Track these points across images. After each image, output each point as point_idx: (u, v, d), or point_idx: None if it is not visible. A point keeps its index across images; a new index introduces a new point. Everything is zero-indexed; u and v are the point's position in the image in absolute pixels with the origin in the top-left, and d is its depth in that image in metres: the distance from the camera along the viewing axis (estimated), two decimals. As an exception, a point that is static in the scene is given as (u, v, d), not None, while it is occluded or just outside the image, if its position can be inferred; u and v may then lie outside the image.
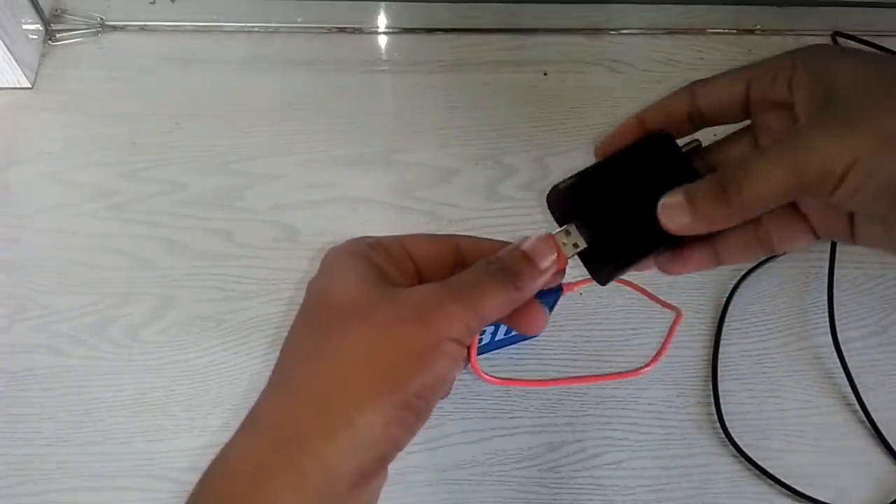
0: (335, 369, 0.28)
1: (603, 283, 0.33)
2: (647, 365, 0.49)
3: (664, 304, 0.52)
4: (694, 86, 0.33)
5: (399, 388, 0.27)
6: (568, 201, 0.33)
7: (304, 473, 0.27)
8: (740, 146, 0.34)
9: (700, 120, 0.33)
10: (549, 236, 0.32)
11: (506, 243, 0.33)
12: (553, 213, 0.34)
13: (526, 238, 0.32)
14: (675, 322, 0.51)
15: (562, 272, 0.33)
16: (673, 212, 0.30)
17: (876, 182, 0.26)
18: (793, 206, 0.32)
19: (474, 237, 0.34)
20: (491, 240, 0.34)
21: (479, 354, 0.44)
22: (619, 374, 0.50)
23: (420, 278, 0.33)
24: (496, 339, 0.49)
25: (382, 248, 0.32)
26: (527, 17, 0.66)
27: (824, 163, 0.26)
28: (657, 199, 0.31)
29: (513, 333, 0.49)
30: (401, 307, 0.28)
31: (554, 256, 0.32)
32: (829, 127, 0.26)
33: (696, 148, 0.34)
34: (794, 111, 0.29)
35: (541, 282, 0.31)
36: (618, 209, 0.32)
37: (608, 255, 0.32)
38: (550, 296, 0.44)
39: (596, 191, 0.32)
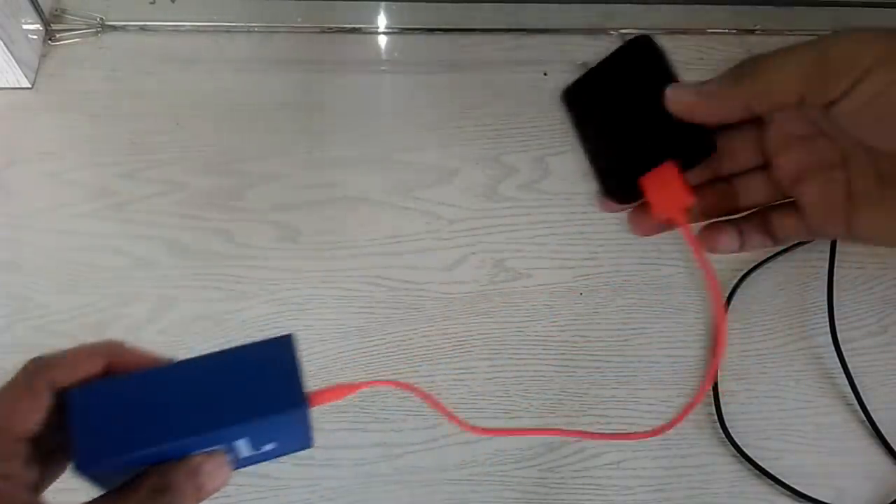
0: None
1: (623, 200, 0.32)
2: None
3: None
4: None
5: None
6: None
7: None
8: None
9: None
10: (222, 455, 0.29)
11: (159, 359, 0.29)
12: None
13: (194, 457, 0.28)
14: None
15: None
16: (680, 92, 0.29)
17: (888, 99, 0.25)
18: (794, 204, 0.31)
19: (128, 349, 0.30)
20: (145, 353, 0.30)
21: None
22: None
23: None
24: (262, 451, 0.34)
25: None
26: (527, 17, 0.66)
27: (848, 56, 0.25)
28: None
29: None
30: None
31: (226, 476, 0.29)
32: (860, 35, 0.25)
33: None
34: None
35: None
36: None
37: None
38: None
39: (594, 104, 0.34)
